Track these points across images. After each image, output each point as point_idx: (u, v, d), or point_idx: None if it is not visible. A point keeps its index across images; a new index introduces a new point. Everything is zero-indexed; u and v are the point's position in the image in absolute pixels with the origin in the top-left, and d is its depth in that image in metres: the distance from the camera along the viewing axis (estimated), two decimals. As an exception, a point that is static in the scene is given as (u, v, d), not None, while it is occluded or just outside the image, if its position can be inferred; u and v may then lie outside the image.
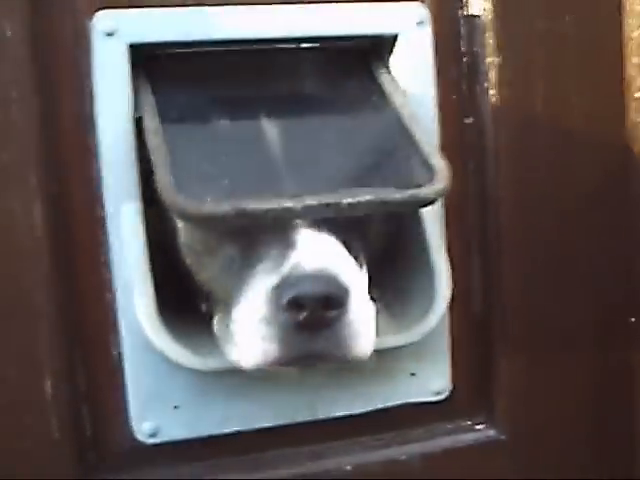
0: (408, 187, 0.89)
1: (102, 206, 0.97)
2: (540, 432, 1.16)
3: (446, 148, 1.02)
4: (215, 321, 0.94)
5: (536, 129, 1.10)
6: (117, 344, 1.00)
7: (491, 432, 1.15)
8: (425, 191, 0.89)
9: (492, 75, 1.07)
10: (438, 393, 1.10)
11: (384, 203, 0.88)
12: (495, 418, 1.15)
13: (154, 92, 0.96)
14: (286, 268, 0.85)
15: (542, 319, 1.13)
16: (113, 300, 0.99)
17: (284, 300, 0.83)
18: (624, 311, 1.17)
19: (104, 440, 1.02)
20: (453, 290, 1.02)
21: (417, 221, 1.02)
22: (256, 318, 0.85)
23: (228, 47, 0.99)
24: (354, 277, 0.89)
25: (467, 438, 1.14)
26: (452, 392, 1.11)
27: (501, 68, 1.07)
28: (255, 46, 1.00)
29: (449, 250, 1.03)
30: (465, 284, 1.10)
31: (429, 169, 0.91)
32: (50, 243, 0.95)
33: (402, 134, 0.97)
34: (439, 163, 0.92)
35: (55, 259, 0.96)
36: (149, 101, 0.95)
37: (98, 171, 0.96)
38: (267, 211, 0.85)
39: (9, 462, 0.99)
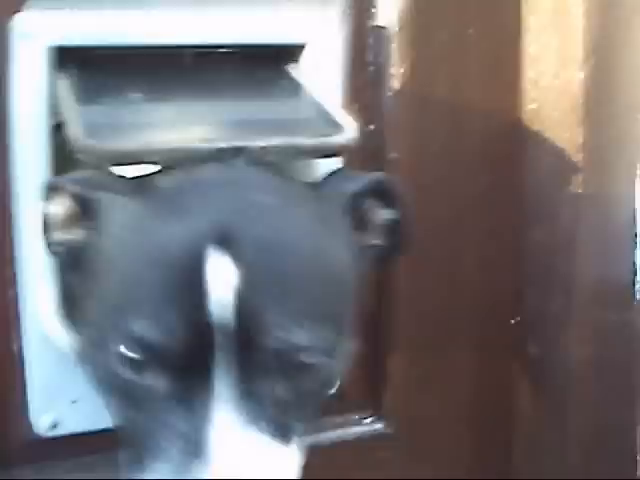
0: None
1: (10, 204, 0.98)
2: (425, 427, 1.20)
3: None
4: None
5: (435, 135, 1.14)
6: (17, 339, 1.01)
7: (378, 426, 1.18)
8: (336, 138, 0.90)
9: (395, 84, 1.11)
10: (328, 388, 1.14)
11: (295, 148, 0.88)
12: (382, 412, 1.18)
13: (74, 86, 0.96)
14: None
15: (430, 317, 1.17)
16: (15, 296, 0.99)
17: None
18: (508, 312, 1.22)
19: (2, 433, 1.03)
20: None
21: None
22: None
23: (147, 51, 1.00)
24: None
25: (355, 431, 1.18)
26: (341, 387, 1.14)
27: (404, 78, 1.10)
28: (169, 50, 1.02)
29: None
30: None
31: (338, 126, 0.92)
32: (-48, 241, 0.96)
33: (310, 103, 0.99)
34: (348, 119, 0.93)
35: (-43, 257, 0.97)
36: (65, 87, 0.95)
37: (7, 171, 0.97)
38: (173, 150, 0.83)
39: None
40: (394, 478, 1.20)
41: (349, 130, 0.91)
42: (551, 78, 1.13)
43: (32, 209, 0.96)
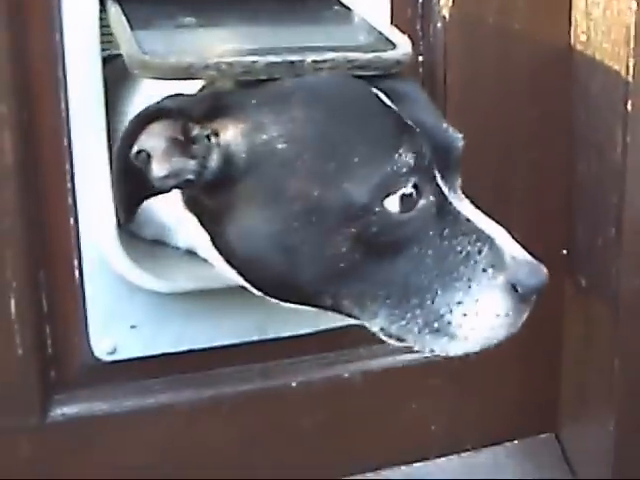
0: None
1: (69, 136, 1.00)
2: (474, 354, 1.22)
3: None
4: (381, 323, 0.91)
5: (484, 67, 1.14)
6: (79, 267, 1.04)
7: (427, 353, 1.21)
8: (390, 53, 0.91)
9: (445, 15, 1.10)
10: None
11: (349, 62, 0.88)
12: (432, 340, 1.21)
13: (126, 15, 0.96)
14: (511, 262, 0.89)
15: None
16: (76, 225, 1.02)
17: (528, 290, 0.90)
18: (557, 243, 1.23)
19: (65, 357, 1.07)
20: None
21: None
22: (495, 311, 0.89)
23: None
24: None
25: (405, 358, 1.19)
26: None
27: (453, 8, 1.10)
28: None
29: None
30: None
31: (392, 43, 0.93)
32: (18, 170, 0.98)
33: (363, 26, 1.00)
34: (401, 37, 0.94)
35: (22, 186, 0.99)
36: (118, 16, 0.96)
37: (66, 102, 0.99)
38: (231, 64, 0.84)
39: (-24, 377, 1.03)
40: (442, 406, 1.24)
41: (403, 47, 0.92)
42: (602, 9, 1.12)
43: (90, 140, 0.99)
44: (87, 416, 1.08)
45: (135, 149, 0.85)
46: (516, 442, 1.29)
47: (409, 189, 0.84)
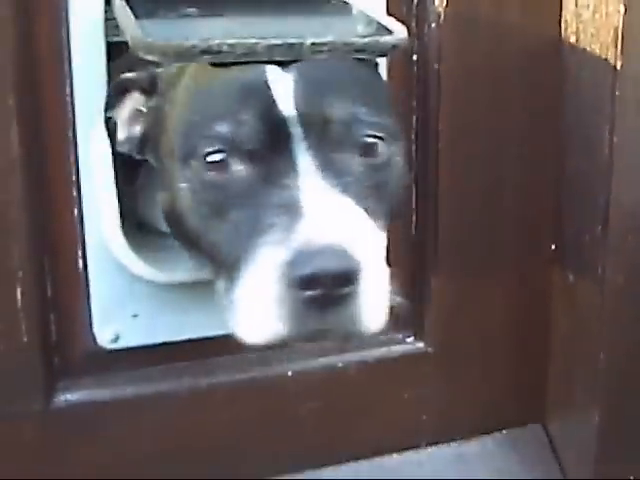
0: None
1: (74, 129, 1.03)
2: (464, 346, 1.26)
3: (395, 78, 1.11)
4: (218, 286, 0.91)
5: (477, 64, 1.16)
6: (83, 257, 1.07)
7: (420, 345, 1.24)
8: (387, 38, 0.93)
9: (439, 13, 1.13)
10: (374, 308, 1.18)
11: (346, 44, 0.90)
12: (424, 332, 1.24)
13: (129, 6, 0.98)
14: (296, 241, 0.80)
15: (471, 243, 1.22)
16: (81, 216, 1.05)
17: (296, 277, 0.79)
18: (546, 238, 1.26)
19: (68, 345, 1.10)
20: None
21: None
22: (262, 295, 0.82)
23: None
24: (368, 245, 0.86)
25: (398, 349, 1.23)
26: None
27: (448, 6, 1.13)
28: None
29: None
30: (404, 208, 1.16)
31: (388, 30, 0.95)
32: (24, 162, 1.01)
33: (359, 16, 1.03)
34: (397, 25, 0.96)
35: (28, 177, 1.02)
36: (121, 6, 0.98)
37: (72, 95, 1.02)
38: (231, 46, 0.87)
39: (-18, 364, 1.06)
40: (433, 396, 1.27)
41: (399, 32, 0.94)
42: (592, 11, 1.14)
43: (94, 133, 1.02)
44: (89, 402, 1.11)
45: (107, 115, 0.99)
46: (504, 432, 1.32)
47: (217, 154, 0.86)
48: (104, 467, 1.13)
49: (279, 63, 0.88)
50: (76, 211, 1.05)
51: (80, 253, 1.07)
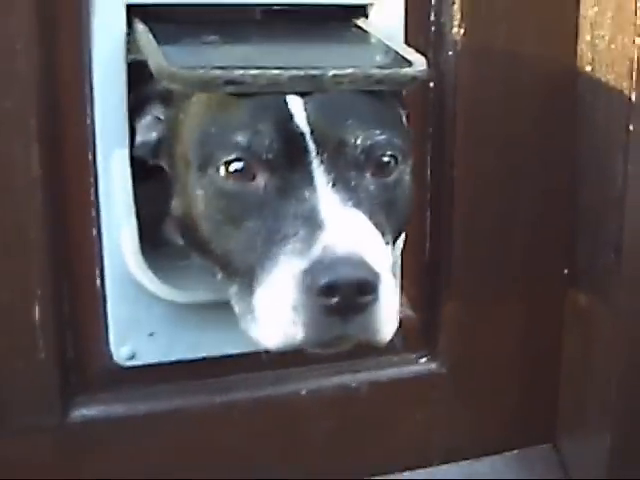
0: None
1: (94, 150, 1.04)
2: (476, 367, 1.27)
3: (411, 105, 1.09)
4: (232, 291, 0.93)
5: (492, 94, 1.17)
6: (101, 276, 1.08)
7: (432, 365, 1.25)
8: (407, 70, 0.95)
9: (456, 43, 1.14)
10: (388, 329, 1.19)
11: (367, 77, 0.92)
12: (437, 353, 1.25)
13: (151, 32, 1.01)
14: (317, 250, 0.83)
15: (484, 266, 1.23)
16: (99, 236, 1.06)
17: (317, 285, 0.81)
18: (559, 262, 1.26)
19: (85, 362, 1.11)
20: (407, 236, 1.10)
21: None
22: (283, 302, 0.84)
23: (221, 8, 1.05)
24: (382, 258, 0.89)
25: (411, 370, 1.24)
26: (399, 328, 1.19)
27: (464, 37, 1.14)
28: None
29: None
30: (418, 231, 1.18)
31: (408, 61, 0.96)
32: (44, 183, 1.02)
33: (380, 46, 1.04)
34: (417, 56, 0.98)
35: (48, 198, 1.03)
36: (144, 32, 1.00)
37: (92, 118, 1.03)
38: (254, 77, 0.89)
39: (1, 379, 1.07)
40: (444, 416, 1.28)
41: (419, 64, 0.96)
42: (607, 42, 1.15)
43: (114, 155, 1.04)
44: (105, 418, 1.12)
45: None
46: (515, 452, 1.32)
47: (236, 163, 0.89)
48: (119, 482, 1.15)
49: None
50: (95, 231, 1.06)
51: (98, 272, 1.08)
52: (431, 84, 1.16)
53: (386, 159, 0.92)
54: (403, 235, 1.07)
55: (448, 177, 1.18)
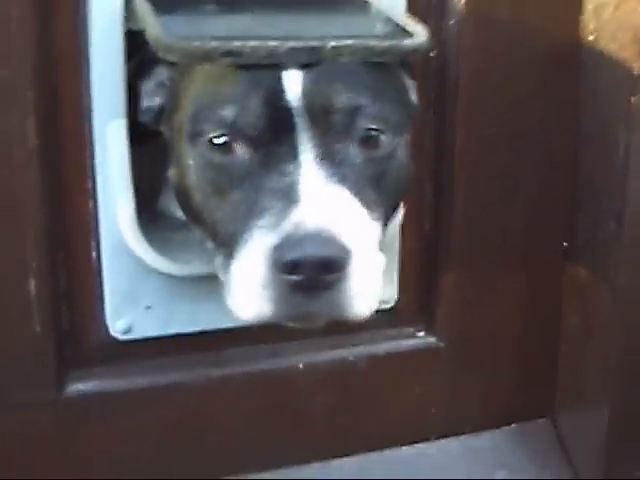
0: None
1: (90, 121, 1.02)
2: (475, 341, 1.26)
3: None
4: (217, 262, 0.94)
5: (495, 61, 1.16)
6: (97, 248, 1.07)
7: (431, 339, 1.25)
8: (407, 41, 0.93)
9: (458, 11, 1.12)
10: (385, 302, 1.18)
11: (368, 48, 0.91)
12: (435, 327, 1.24)
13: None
14: (287, 226, 0.83)
15: (483, 239, 1.22)
16: (95, 208, 1.05)
17: (282, 261, 0.82)
18: (559, 235, 1.26)
19: (81, 335, 1.11)
20: (405, 209, 1.10)
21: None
22: (253, 276, 0.85)
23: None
24: (360, 234, 0.87)
25: (409, 344, 1.24)
26: (398, 302, 1.20)
27: (467, 4, 1.12)
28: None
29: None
30: (416, 203, 1.17)
31: (409, 33, 0.95)
32: (41, 154, 1.01)
33: (380, 17, 1.02)
34: (417, 27, 0.96)
35: (44, 169, 1.02)
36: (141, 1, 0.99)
37: (89, 88, 1.01)
38: (253, 49, 0.87)
39: (-4, 353, 1.07)
40: (443, 389, 1.27)
41: (420, 35, 0.94)
42: (611, 10, 1.14)
43: (110, 125, 1.02)
44: (101, 392, 1.12)
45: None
46: (513, 426, 1.33)
47: (222, 137, 0.89)
48: (115, 457, 1.14)
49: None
50: (91, 203, 1.05)
51: (94, 244, 1.07)
52: (432, 52, 1.13)
53: (375, 132, 0.91)
54: (401, 210, 1.07)
55: (449, 147, 1.17)
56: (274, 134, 0.88)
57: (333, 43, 0.90)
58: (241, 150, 0.89)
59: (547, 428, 1.33)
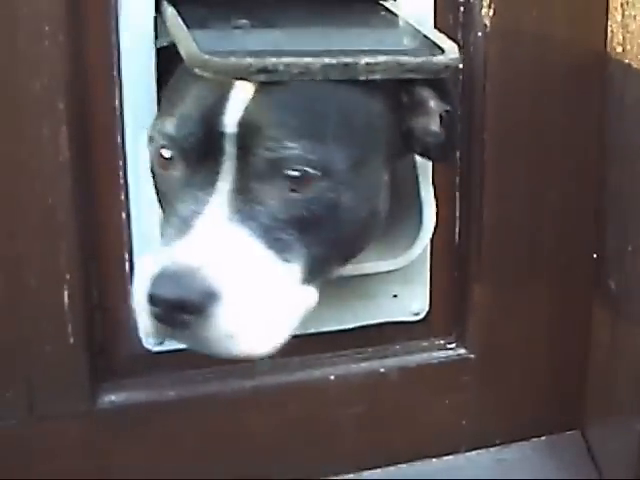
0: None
1: (122, 133, 1.04)
2: (505, 353, 1.26)
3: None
4: None
5: (522, 74, 1.16)
6: (130, 260, 1.08)
7: (462, 351, 1.24)
8: (440, 58, 0.93)
9: (485, 24, 1.12)
10: (416, 314, 1.19)
11: (400, 65, 0.90)
12: (466, 338, 1.24)
13: (181, 15, 0.99)
14: (164, 259, 0.84)
15: (514, 251, 1.22)
16: (128, 220, 1.06)
17: (147, 292, 0.84)
18: (589, 247, 1.25)
19: (114, 347, 1.11)
20: (436, 221, 1.10)
21: (409, 158, 1.07)
22: (138, 296, 0.87)
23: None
24: (246, 277, 0.86)
25: (440, 355, 1.24)
26: (429, 313, 1.20)
27: (493, 18, 1.12)
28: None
29: (434, 184, 1.10)
30: (447, 215, 1.18)
31: (439, 48, 0.95)
32: (73, 166, 1.02)
33: (410, 31, 1.02)
34: (448, 43, 0.96)
35: (77, 181, 1.03)
36: (173, 15, 0.99)
37: (121, 101, 1.03)
38: (287, 66, 0.87)
39: (30, 364, 1.07)
40: (473, 402, 1.27)
41: (451, 51, 0.94)
42: (639, 22, 1.13)
43: (142, 137, 1.01)
44: (134, 404, 1.12)
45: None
46: (543, 438, 1.32)
47: (165, 151, 0.90)
48: (147, 468, 1.14)
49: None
50: (124, 214, 1.06)
51: (127, 256, 1.08)
52: (460, 65, 1.13)
53: (302, 174, 0.87)
54: (432, 223, 1.09)
55: (478, 161, 1.17)
56: (204, 156, 0.89)
57: (366, 60, 0.90)
58: (179, 164, 0.90)
59: (577, 440, 1.32)
